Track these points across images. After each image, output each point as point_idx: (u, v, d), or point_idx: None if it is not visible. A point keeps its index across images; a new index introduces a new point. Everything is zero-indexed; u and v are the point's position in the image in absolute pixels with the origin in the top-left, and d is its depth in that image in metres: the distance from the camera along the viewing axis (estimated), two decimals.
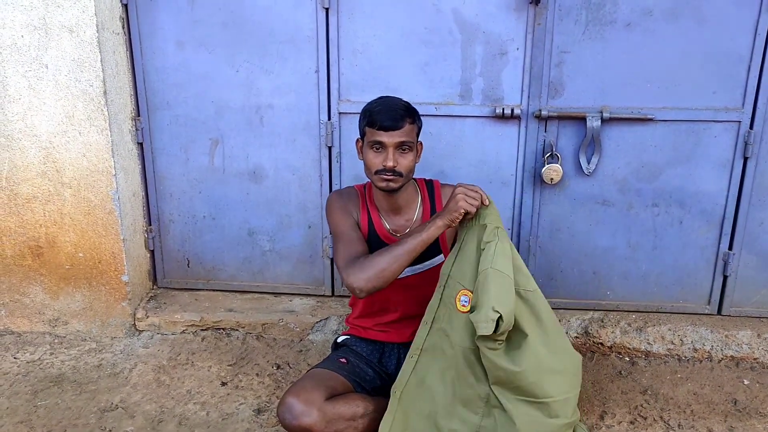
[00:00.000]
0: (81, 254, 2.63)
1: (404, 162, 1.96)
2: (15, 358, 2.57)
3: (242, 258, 2.83)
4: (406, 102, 2.01)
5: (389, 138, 1.93)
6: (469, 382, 1.90)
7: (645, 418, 2.20)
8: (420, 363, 1.96)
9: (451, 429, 1.89)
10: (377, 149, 1.96)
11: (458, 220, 1.88)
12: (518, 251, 2.63)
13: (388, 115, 1.92)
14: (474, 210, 1.87)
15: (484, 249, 1.84)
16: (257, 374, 2.45)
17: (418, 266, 2.09)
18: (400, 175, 1.96)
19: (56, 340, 2.70)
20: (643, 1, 2.35)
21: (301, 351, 2.61)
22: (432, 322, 1.95)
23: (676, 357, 2.55)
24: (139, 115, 2.67)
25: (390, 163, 1.93)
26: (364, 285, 1.83)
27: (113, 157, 2.51)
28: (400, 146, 1.94)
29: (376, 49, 2.50)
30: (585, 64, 2.44)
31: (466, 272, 1.89)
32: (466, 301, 1.88)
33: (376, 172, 1.97)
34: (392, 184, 1.97)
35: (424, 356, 1.96)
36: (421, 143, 2.08)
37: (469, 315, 1.82)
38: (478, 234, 1.89)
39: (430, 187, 2.15)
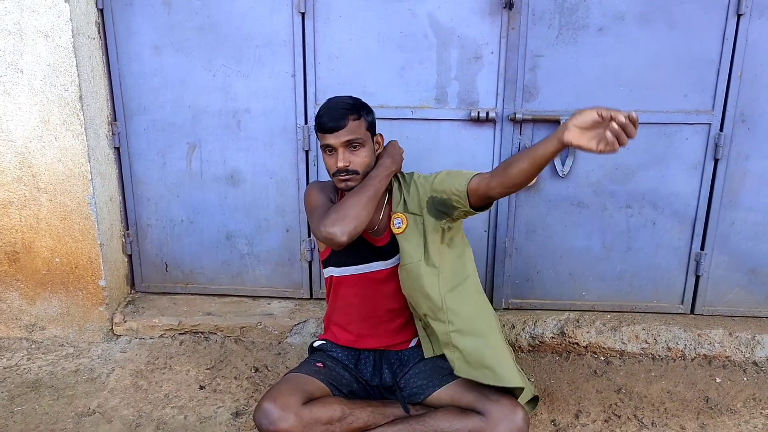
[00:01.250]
0: (58, 259, 2.62)
1: (357, 159, 1.97)
2: None
3: (220, 262, 2.83)
4: (353, 99, 2.02)
5: (335, 139, 1.93)
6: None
7: (619, 417, 2.24)
8: None
9: None
10: (329, 152, 1.98)
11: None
12: (494, 253, 2.69)
13: (329, 116, 1.93)
14: None
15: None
16: (235, 377, 2.46)
17: (391, 261, 2.09)
18: (356, 173, 1.97)
19: (33, 346, 2.68)
20: (615, 6, 2.39)
21: (280, 354, 2.62)
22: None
23: (650, 356, 2.58)
24: (115, 120, 2.66)
25: (341, 164, 1.94)
26: (344, 228, 1.84)
27: (89, 161, 2.50)
28: (349, 145, 1.95)
29: (352, 53, 2.52)
30: (559, 68, 2.47)
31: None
32: (399, 223, 2.02)
33: (333, 174, 1.99)
34: (350, 183, 1.98)
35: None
36: (380, 135, 2.07)
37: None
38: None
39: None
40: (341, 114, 1.93)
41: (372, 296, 2.14)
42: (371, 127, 2.03)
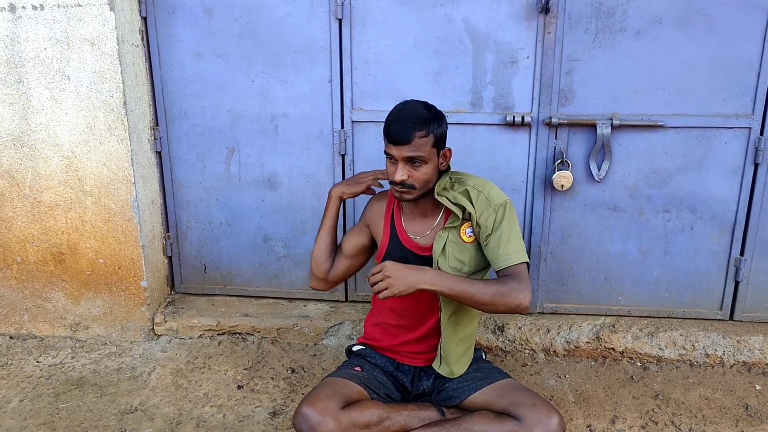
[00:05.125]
0: (101, 260, 2.69)
1: (417, 175, 1.91)
2: (38, 361, 2.64)
3: (258, 264, 2.88)
4: (427, 109, 1.92)
5: (398, 152, 1.88)
6: None
7: (656, 423, 2.22)
8: None
9: None
10: (391, 160, 1.93)
11: (358, 192, 2.19)
12: (529, 257, 2.68)
13: (397, 127, 1.86)
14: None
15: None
16: (272, 378, 2.50)
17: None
18: (413, 187, 1.93)
19: (77, 344, 2.76)
20: (652, 9, 2.38)
21: (316, 355, 2.66)
22: None
23: (687, 362, 2.55)
24: (157, 125, 2.73)
25: (398, 177, 1.90)
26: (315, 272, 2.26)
27: (133, 165, 2.57)
28: (410, 160, 1.90)
29: (389, 58, 2.55)
30: (595, 72, 2.46)
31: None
32: (471, 233, 2.01)
33: (391, 182, 1.95)
34: (405, 196, 1.95)
35: None
36: (448, 150, 2.00)
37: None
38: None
39: None
40: (408, 128, 1.85)
41: (424, 308, 2.10)
42: (438, 143, 1.93)
